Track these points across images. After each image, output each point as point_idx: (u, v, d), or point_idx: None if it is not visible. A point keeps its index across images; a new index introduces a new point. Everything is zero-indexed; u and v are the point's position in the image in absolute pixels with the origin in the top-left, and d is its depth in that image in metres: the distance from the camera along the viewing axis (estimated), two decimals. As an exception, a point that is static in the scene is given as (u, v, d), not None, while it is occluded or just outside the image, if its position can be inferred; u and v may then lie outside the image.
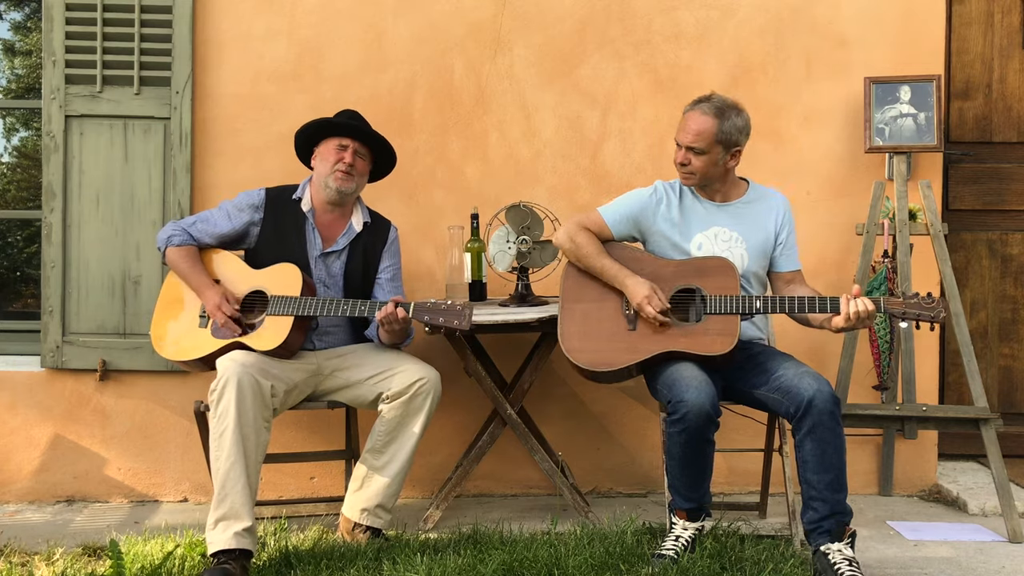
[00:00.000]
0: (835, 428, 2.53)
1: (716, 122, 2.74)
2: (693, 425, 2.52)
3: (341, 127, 3.01)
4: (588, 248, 2.85)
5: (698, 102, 2.80)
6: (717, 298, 2.71)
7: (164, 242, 3.02)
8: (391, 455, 2.86)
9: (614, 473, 3.60)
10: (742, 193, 2.91)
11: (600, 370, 2.75)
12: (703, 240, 2.85)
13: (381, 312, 2.78)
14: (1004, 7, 3.73)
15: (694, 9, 3.56)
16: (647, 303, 2.71)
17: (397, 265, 3.14)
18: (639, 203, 2.90)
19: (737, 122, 2.77)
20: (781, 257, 2.90)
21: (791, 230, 2.91)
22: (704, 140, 2.75)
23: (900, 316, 2.62)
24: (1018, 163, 3.76)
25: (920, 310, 2.60)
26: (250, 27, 3.50)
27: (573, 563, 2.49)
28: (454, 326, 2.71)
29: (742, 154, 2.82)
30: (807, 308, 2.67)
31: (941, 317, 2.59)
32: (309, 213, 3.01)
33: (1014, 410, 3.77)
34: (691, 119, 2.79)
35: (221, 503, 2.56)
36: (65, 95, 3.43)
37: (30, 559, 2.72)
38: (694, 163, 2.79)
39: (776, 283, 2.94)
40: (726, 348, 2.66)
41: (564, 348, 2.79)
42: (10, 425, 3.47)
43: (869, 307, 2.59)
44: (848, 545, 2.53)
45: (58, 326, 3.42)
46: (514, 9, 3.55)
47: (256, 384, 2.65)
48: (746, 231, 2.85)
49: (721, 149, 2.78)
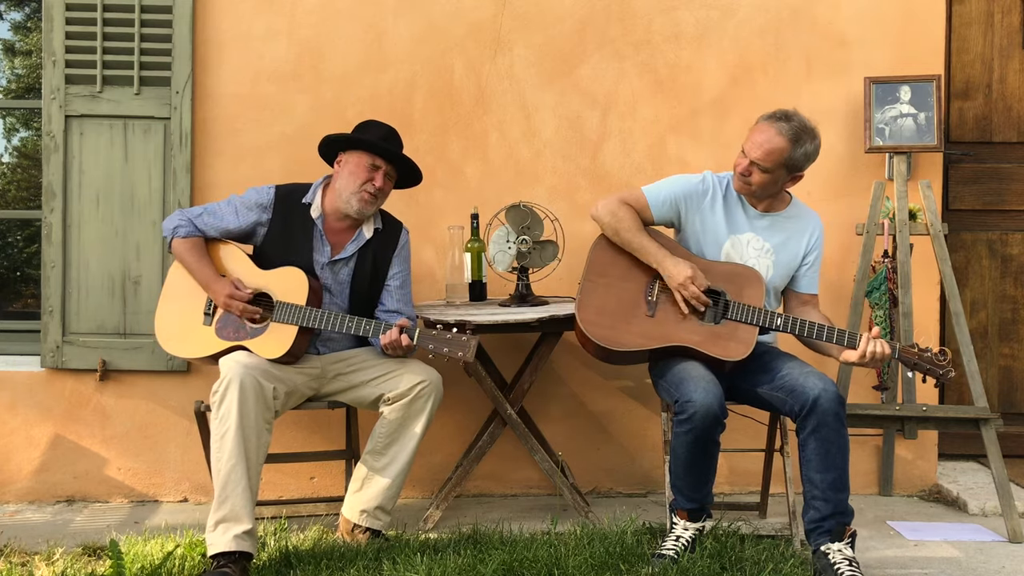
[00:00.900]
0: (839, 428, 2.54)
1: (789, 147, 2.70)
2: (700, 425, 2.52)
3: (379, 148, 2.93)
4: (630, 223, 2.81)
5: (777, 119, 2.73)
6: (741, 306, 2.71)
7: (171, 232, 2.97)
8: (391, 457, 2.86)
9: (614, 473, 3.60)
10: (784, 207, 2.89)
11: (610, 347, 2.73)
12: (735, 241, 2.84)
13: (385, 338, 2.78)
14: (1004, 7, 3.73)
15: (694, 9, 3.56)
16: (690, 283, 2.69)
17: (407, 271, 3.11)
18: (686, 188, 2.86)
19: (808, 149, 2.73)
20: (804, 278, 2.90)
21: (819, 254, 2.91)
22: (772, 160, 2.72)
23: (911, 367, 2.68)
24: (1018, 163, 3.76)
25: (931, 365, 2.64)
26: (250, 27, 3.50)
27: (573, 563, 2.49)
28: (458, 357, 2.73)
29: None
30: (826, 337, 2.68)
31: (948, 377, 2.64)
32: (319, 220, 2.96)
33: (1014, 410, 3.77)
34: (765, 134, 2.72)
35: (222, 505, 2.56)
36: (65, 95, 3.43)
37: (30, 559, 2.72)
38: (755, 177, 2.76)
39: (790, 301, 2.94)
40: (740, 355, 2.66)
41: (579, 318, 2.77)
42: (10, 425, 3.47)
43: (886, 351, 2.61)
44: (848, 545, 2.53)
45: (58, 326, 3.42)
46: (514, 9, 3.55)
47: (258, 386, 2.65)
48: (778, 245, 2.85)
49: (785, 172, 2.76)
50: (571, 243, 3.30)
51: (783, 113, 2.75)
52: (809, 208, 2.96)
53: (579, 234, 3.34)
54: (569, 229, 3.33)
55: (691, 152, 3.55)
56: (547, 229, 3.22)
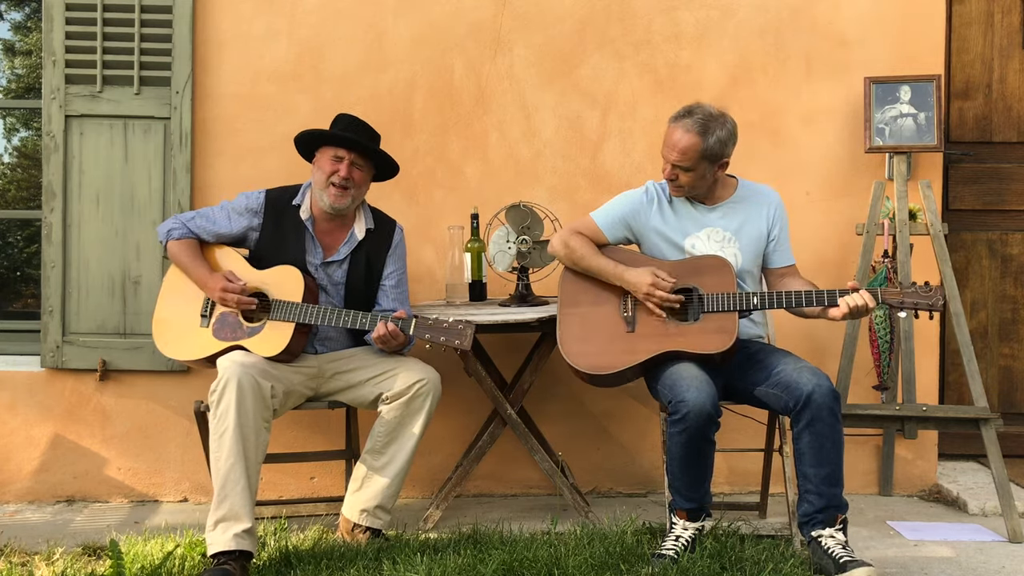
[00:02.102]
0: (833, 423, 2.54)
1: (700, 139, 2.71)
2: (694, 425, 2.52)
3: (337, 138, 2.94)
4: (582, 251, 2.85)
5: (681, 116, 2.76)
6: (714, 296, 2.71)
7: (165, 235, 3.01)
8: (391, 456, 2.86)
9: (614, 473, 3.60)
10: (731, 192, 2.90)
11: (600, 373, 2.75)
12: (696, 241, 2.85)
13: (375, 332, 2.78)
14: (1004, 7, 3.73)
15: (694, 9, 3.56)
16: (654, 289, 2.70)
17: (402, 270, 3.11)
18: (631, 204, 2.90)
19: (721, 135, 2.73)
20: (775, 253, 2.90)
21: (783, 226, 2.90)
22: (689, 158, 2.73)
23: (899, 306, 2.64)
24: (1018, 163, 3.76)
25: (918, 299, 2.61)
26: (250, 27, 3.50)
27: (573, 563, 2.49)
28: (455, 346, 2.74)
29: (731, 161, 2.81)
30: (804, 302, 2.68)
31: (940, 305, 2.60)
32: (308, 222, 2.97)
33: (1014, 410, 3.77)
34: (676, 136, 2.75)
35: (221, 504, 2.56)
36: (65, 95, 3.43)
37: (30, 559, 2.72)
38: (681, 178, 2.79)
39: (770, 278, 2.95)
40: (724, 346, 2.66)
41: (564, 353, 2.80)
42: (10, 425, 3.47)
43: (868, 300, 2.60)
44: (840, 530, 2.54)
45: (58, 326, 3.42)
46: (514, 9, 3.55)
47: (256, 385, 2.65)
48: (738, 230, 2.85)
49: (707, 164, 2.76)
50: (571, 243, 3.30)
51: (686, 109, 2.77)
52: (761, 185, 2.95)
53: (579, 234, 3.34)
54: (569, 229, 3.33)
55: (691, 152, 3.55)
56: (547, 229, 3.22)
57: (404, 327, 2.78)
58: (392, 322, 2.78)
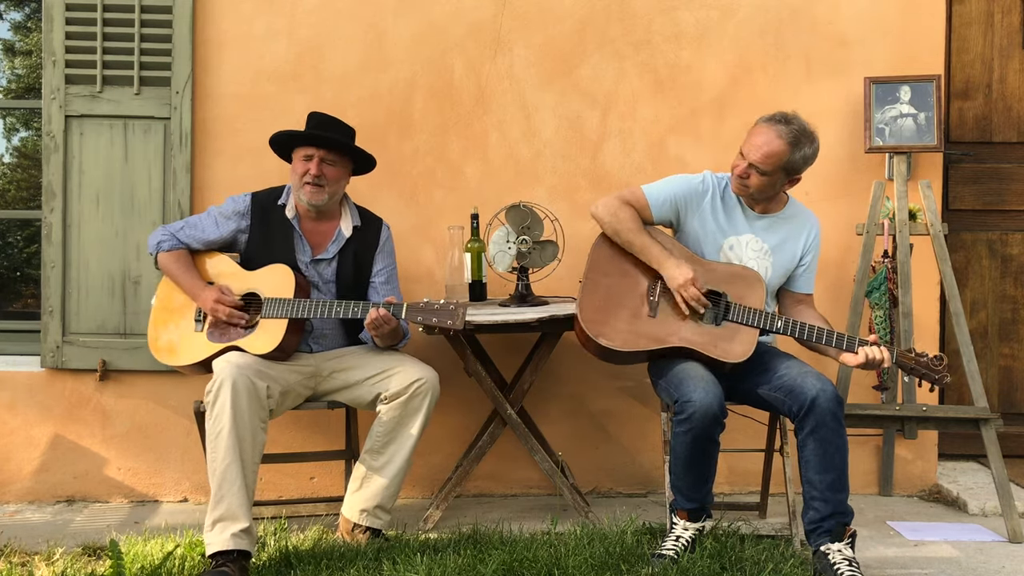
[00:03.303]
0: (838, 429, 2.54)
1: (789, 150, 2.70)
2: (700, 425, 2.52)
3: (303, 137, 2.96)
4: (631, 224, 2.81)
5: (776, 121, 2.73)
6: (742, 308, 2.71)
7: (155, 248, 3.03)
8: (390, 456, 2.86)
9: (614, 473, 3.60)
10: (781, 207, 2.89)
11: (612, 347, 2.72)
12: (735, 243, 2.84)
13: (367, 318, 2.78)
14: (1004, 7, 3.73)
15: (694, 9, 3.56)
16: (691, 285, 2.69)
17: (392, 266, 3.12)
18: (686, 189, 2.86)
19: (807, 152, 2.72)
20: (800, 278, 2.91)
21: (816, 254, 2.91)
22: (771, 164, 2.71)
23: (907, 371, 2.70)
24: (1018, 163, 3.76)
25: (926, 371, 2.67)
26: (250, 27, 3.50)
27: (573, 563, 2.49)
28: (447, 326, 2.71)
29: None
30: (825, 341, 2.69)
31: (944, 383, 2.67)
32: (294, 220, 2.99)
33: (1014, 410, 3.77)
34: (764, 137, 2.71)
35: (218, 504, 2.56)
36: (65, 95, 3.43)
37: (30, 559, 2.72)
38: (753, 179, 2.76)
39: (785, 301, 2.94)
40: (741, 358, 2.67)
41: (580, 317, 2.76)
42: (10, 425, 3.47)
43: (885, 356, 2.63)
44: (848, 545, 2.53)
45: (58, 326, 3.42)
46: (514, 9, 3.55)
47: (251, 385, 2.65)
48: (776, 246, 2.85)
49: (783, 175, 2.76)
50: (571, 243, 3.30)
51: (783, 116, 2.74)
52: (806, 208, 2.96)
53: (579, 234, 3.34)
54: (569, 229, 3.33)
55: (691, 152, 3.55)
56: (547, 229, 3.21)
57: (396, 312, 2.77)
58: (383, 307, 2.78)
